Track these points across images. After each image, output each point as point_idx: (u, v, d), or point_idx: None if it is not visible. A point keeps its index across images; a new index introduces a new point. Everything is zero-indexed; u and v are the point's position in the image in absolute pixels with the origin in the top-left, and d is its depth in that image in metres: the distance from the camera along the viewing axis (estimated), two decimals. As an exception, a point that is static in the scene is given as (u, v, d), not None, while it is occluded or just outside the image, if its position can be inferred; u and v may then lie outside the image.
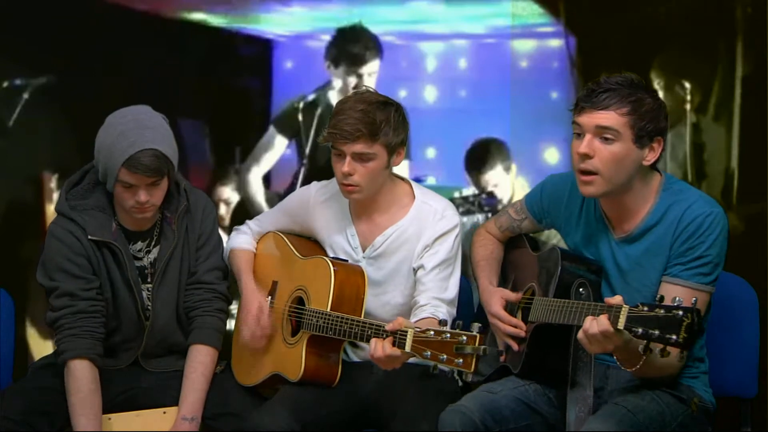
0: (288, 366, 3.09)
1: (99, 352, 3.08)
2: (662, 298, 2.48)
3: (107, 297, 3.13)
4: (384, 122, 3.00)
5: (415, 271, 3.10)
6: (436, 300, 3.02)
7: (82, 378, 3.03)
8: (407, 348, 2.68)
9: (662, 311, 2.44)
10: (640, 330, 2.46)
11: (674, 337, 2.41)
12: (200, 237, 3.22)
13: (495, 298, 3.06)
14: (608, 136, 2.76)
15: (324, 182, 3.26)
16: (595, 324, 2.55)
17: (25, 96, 4.22)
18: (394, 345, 2.73)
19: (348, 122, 2.98)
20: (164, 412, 3.13)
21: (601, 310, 2.58)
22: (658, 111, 2.79)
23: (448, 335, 2.62)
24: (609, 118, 2.75)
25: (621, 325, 2.50)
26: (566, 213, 3.03)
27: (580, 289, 2.83)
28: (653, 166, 2.86)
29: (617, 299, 2.55)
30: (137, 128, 3.00)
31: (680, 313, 2.42)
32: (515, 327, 2.99)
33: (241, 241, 3.32)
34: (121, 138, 2.99)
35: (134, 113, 3.06)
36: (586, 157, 2.78)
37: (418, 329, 2.68)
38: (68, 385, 3.04)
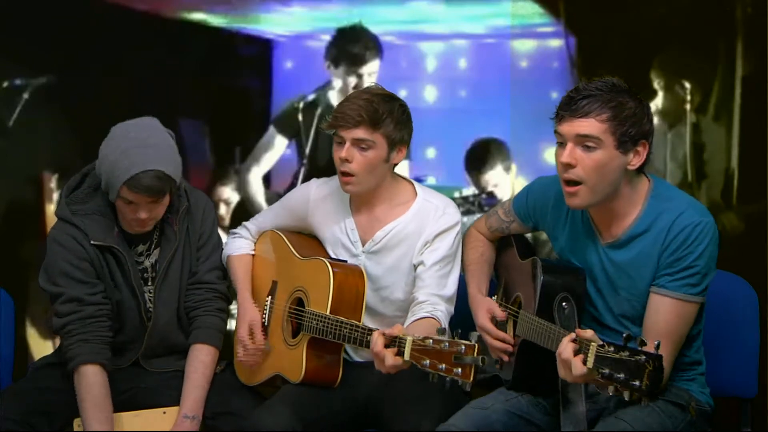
0: (289, 367, 3.08)
1: (108, 356, 3.08)
2: (629, 337, 2.41)
3: (112, 300, 3.13)
4: (386, 114, 3.01)
5: (415, 267, 3.10)
6: (434, 297, 3.02)
7: (94, 383, 3.03)
8: (406, 356, 2.67)
9: (626, 354, 2.38)
10: (606, 371, 2.39)
11: (637, 383, 2.35)
12: (200, 237, 3.22)
13: (482, 311, 3.02)
14: (589, 144, 2.70)
15: (324, 179, 3.26)
16: (569, 349, 2.48)
17: (25, 96, 4.22)
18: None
19: (351, 108, 3.01)
20: (164, 412, 3.13)
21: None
22: (640, 114, 2.72)
23: (447, 344, 2.59)
24: (589, 125, 2.69)
25: (590, 363, 2.43)
26: (553, 216, 2.98)
27: (563, 304, 2.77)
28: (641, 171, 2.80)
29: (588, 333, 2.49)
30: (139, 147, 2.98)
31: (642, 358, 2.35)
32: (503, 341, 2.96)
33: (237, 246, 3.31)
34: (123, 156, 2.98)
35: (137, 130, 3.04)
36: (568, 166, 2.72)
37: (417, 337, 2.67)
38: (79, 390, 3.04)
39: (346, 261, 3.13)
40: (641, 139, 2.72)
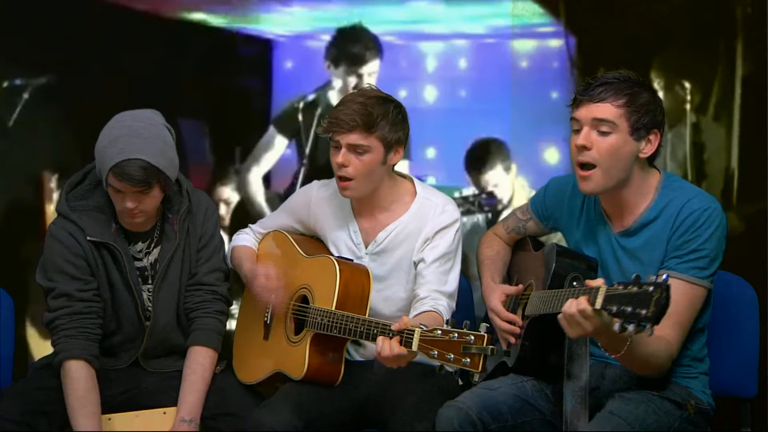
0: (291, 364, 3.09)
1: (95, 352, 3.08)
2: (638, 276, 2.47)
3: (106, 298, 3.13)
4: (381, 116, 3.01)
5: (415, 264, 3.11)
6: (436, 293, 3.03)
7: (78, 379, 3.04)
8: (414, 347, 2.68)
9: (635, 288, 2.43)
10: (615, 308, 2.45)
11: (644, 311, 2.40)
12: (201, 238, 3.22)
13: (495, 293, 3.08)
14: (605, 129, 2.80)
15: (325, 180, 3.27)
16: (573, 304, 2.54)
17: (25, 96, 4.22)
18: (400, 344, 2.73)
19: (345, 113, 3.01)
20: (164, 413, 3.13)
21: (580, 293, 2.58)
22: (654, 104, 2.83)
23: (456, 335, 2.61)
24: (605, 110, 2.79)
25: (598, 305, 2.49)
26: (568, 212, 3.06)
27: (574, 283, 2.81)
28: (651, 163, 2.88)
29: (598, 281, 2.55)
30: (128, 136, 2.99)
31: (651, 288, 2.41)
32: (511, 323, 3.00)
33: (242, 239, 3.35)
34: (111, 144, 2.99)
35: (132, 119, 3.05)
36: (584, 148, 2.81)
37: (425, 328, 2.68)
38: (65, 386, 3.05)
39: (352, 260, 3.13)
40: (654, 128, 2.83)
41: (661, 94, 3.64)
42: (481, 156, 4.21)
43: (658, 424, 2.78)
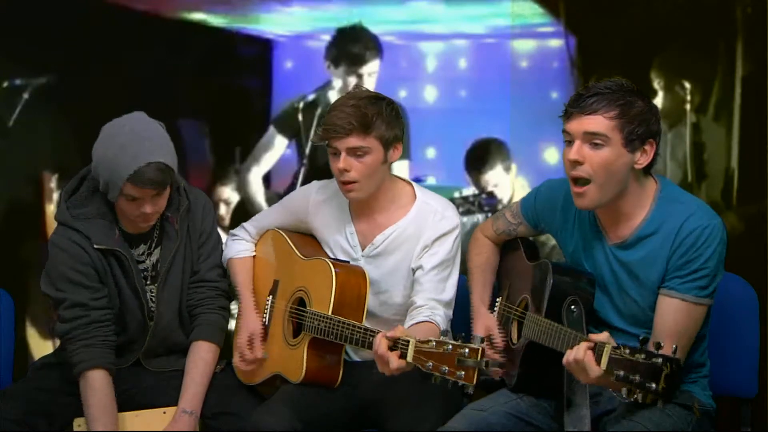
0: (289, 367, 3.09)
1: (113, 360, 3.08)
2: (645, 339, 2.41)
3: (115, 303, 3.12)
4: (375, 115, 2.99)
5: (413, 271, 3.10)
6: (432, 301, 3.01)
7: (100, 388, 3.03)
8: (409, 358, 2.67)
9: (642, 356, 2.37)
10: (621, 373, 2.39)
11: (653, 386, 2.35)
12: (201, 235, 3.22)
13: (480, 326, 3.04)
14: (597, 141, 2.71)
15: (325, 181, 3.25)
16: (572, 354, 2.50)
17: (25, 96, 4.23)
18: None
19: (340, 117, 2.98)
20: (164, 412, 3.13)
21: (582, 341, 2.52)
22: (648, 114, 2.73)
23: (450, 347, 2.59)
24: (597, 122, 2.70)
25: (603, 364, 2.44)
26: (561, 220, 2.98)
27: (572, 307, 2.77)
28: (647, 172, 2.81)
29: (603, 336, 2.49)
30: (137, 140, 2.97)
31: (659, 361, 2.35)
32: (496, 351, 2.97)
33: (238, 249, 3.31)
34: (122, 151, 2.97)
35: (131, 123, 3.03)
36: (576, 163, 2.73)
37: (420, 339, 2.66)
38: (85, 395, 3.04)
39: (348, 261, 3.12)
40: (649, 138, 2.74)
41: (661, 94, 3.66)
42: (481, 156, 4.21)
43: (675, 428, 2.75)
